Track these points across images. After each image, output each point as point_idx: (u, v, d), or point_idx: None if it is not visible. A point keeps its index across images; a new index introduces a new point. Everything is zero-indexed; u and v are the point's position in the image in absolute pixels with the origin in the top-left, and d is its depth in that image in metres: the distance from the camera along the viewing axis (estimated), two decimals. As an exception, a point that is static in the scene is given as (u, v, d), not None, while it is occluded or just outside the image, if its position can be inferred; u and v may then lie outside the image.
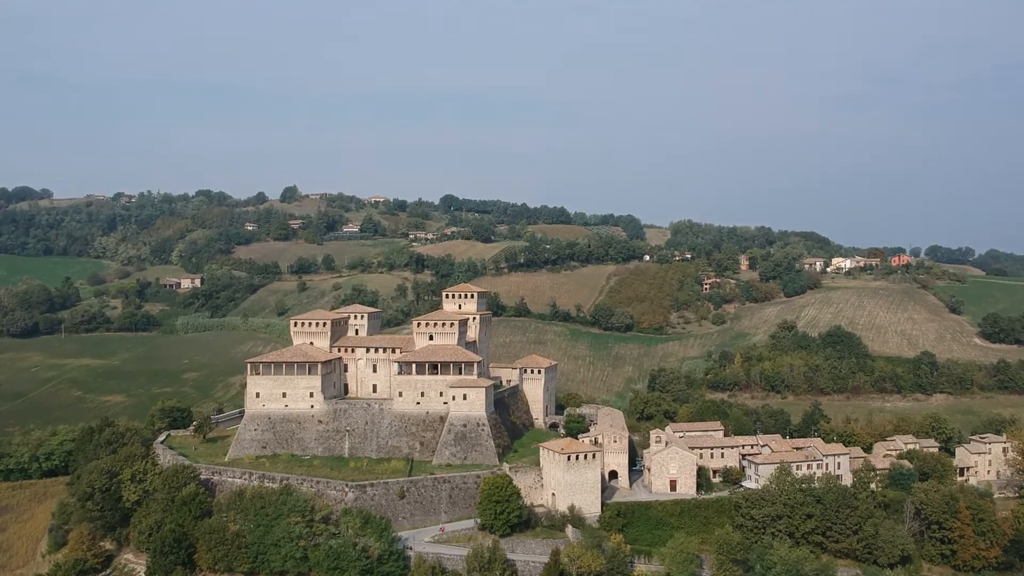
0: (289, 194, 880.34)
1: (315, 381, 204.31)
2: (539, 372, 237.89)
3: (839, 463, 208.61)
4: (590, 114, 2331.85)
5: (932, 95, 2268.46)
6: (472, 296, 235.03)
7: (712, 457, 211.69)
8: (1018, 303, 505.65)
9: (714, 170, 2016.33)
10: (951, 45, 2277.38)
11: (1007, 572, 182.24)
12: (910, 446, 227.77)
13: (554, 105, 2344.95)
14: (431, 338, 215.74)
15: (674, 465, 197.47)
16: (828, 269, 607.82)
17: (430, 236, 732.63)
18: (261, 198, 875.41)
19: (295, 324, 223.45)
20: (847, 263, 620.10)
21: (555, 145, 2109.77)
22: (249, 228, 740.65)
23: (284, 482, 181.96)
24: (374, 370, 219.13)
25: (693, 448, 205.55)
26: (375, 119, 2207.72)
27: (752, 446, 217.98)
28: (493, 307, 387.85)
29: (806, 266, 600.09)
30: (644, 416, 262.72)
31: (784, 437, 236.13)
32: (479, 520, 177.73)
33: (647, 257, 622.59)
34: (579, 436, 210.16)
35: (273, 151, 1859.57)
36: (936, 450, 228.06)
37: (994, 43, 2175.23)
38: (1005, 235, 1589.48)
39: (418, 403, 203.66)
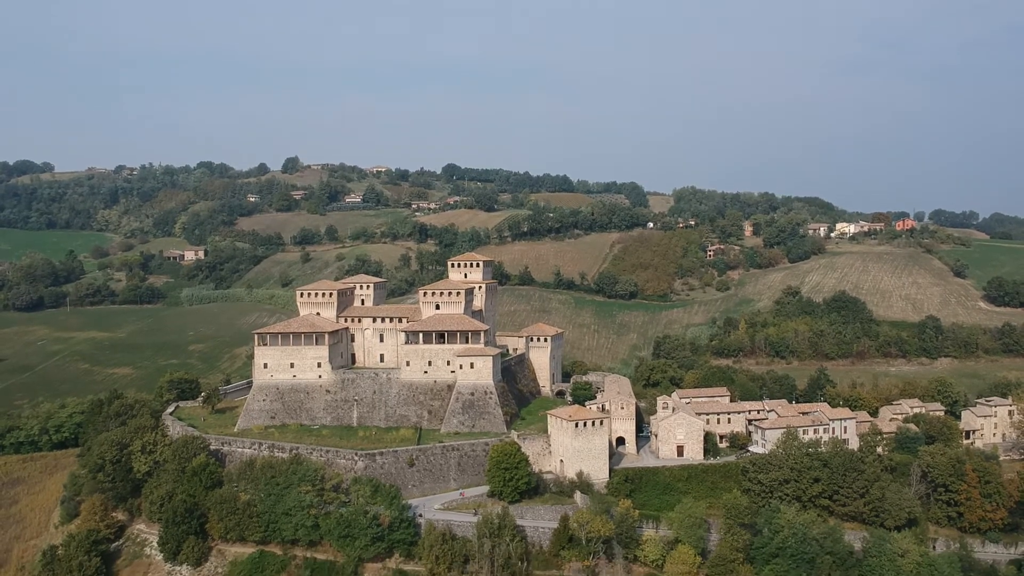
0: (291, 165, 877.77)
1: (322, 351, 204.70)
2: (545, 340, 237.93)
3: (845, 427, 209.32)
4: (591, 82, 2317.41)
5: (935, 58, 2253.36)
6: (478, 265, 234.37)
7: (719, 423, 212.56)
8: (1023, 267, 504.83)
9: (717, 136, 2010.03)
10: (954, 7, 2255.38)
11: (1013, 534, 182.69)
12: (916, 410, 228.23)
13: (555, 73, 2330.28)
14: (437, 307, 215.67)
15: (681, 431, 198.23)
16: (832, 234, 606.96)
17: (433, 206, 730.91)
18: (263, 169, 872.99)
19: (301, 295, 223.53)
20: (851, 228, 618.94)
21: (557, 113, 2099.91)
22: (251, 199, 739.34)
23: (294, 452, 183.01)
24: (381, 340, 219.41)
25: (700, 414, 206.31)
26: (376, 89, 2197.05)
27: (758, 411, 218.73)
28: (497, 276, 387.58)
29: (810, 231, 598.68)
30: (650, 383, 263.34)
31: (790, 402, 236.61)
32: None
33: (651, 224, 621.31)
34: (586, 403, 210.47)
35: (274, 122, 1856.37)
36: (942, 414, 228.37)
37: (998, 4, 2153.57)
38: (1010, 199, 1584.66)
39: (425, 372, 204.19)
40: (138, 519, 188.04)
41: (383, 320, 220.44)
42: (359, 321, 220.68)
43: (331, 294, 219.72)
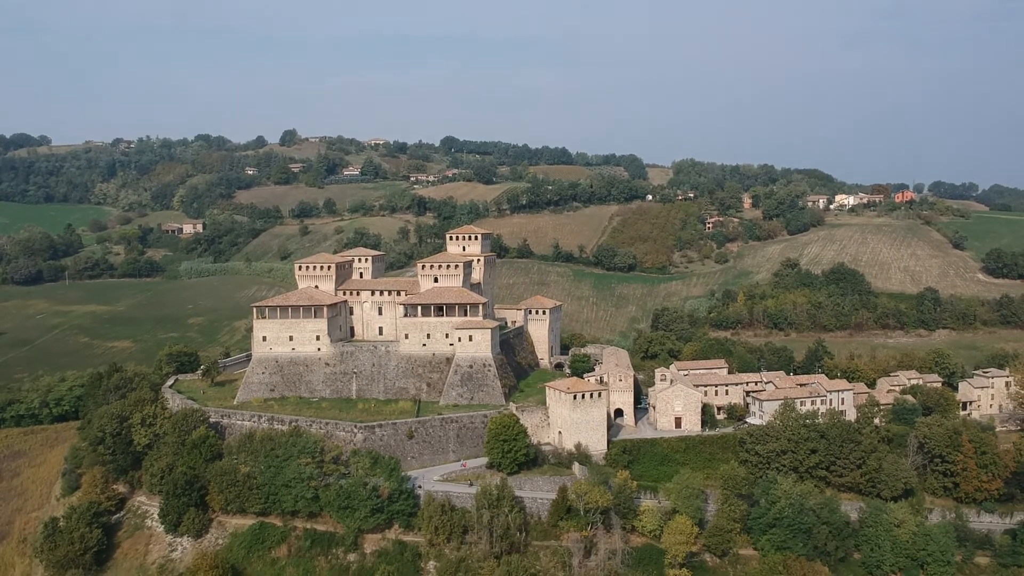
0: (288, 138, 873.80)
1: (321, 324, 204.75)
2: (544, 313, 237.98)
3: (843, 399, 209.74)
4: (590, 54, 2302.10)
5: (937, 29, 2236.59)
6: (476, 238, 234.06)
7: (716, 394, 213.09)
8: (1021, 238, 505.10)
9: (716, 108, 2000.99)
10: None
11: (1008, 504, 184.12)
12: (913, 381, 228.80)
13: (555, 45, 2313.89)
14: (436, 280, 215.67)
15: (679, 402, 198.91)
16: (831, 206, 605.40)
17: (431, 178, 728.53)
18: (260, 142, 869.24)
19: (300, 268, 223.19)
20: (850, 200, 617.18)
21: (556, 85, 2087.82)
22: (249, 172, 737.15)
23: (293, 424, 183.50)
24: (380, 313, 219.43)
25: (698, 386, 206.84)
26: (374, 61, 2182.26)
27: (756, 383, 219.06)
28: (496, 249, 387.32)
29: (809, 204, 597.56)
30: (648, 355, 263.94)
31: (788, 374, 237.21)
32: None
33: (650, 197, 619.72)
34: (584, 375, 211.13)
35: (272, 95, 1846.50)
36: (939, 385, 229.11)
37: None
38: (1009, 170, 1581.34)
39: (424, 345, 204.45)
40: (139, 491, 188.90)
41: (382, 293, 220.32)
42: (358, 294, 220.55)
43: (330, 267, 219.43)
